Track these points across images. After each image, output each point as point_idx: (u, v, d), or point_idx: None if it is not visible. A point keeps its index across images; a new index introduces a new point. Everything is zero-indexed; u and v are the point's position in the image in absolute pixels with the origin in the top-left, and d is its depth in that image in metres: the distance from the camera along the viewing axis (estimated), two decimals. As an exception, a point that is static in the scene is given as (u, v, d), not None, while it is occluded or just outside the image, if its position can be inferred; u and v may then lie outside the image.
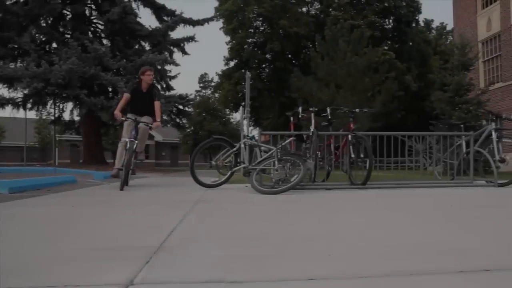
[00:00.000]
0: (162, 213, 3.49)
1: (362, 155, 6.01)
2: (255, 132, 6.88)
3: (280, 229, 2.65)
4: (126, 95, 6.63)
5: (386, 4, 32.54)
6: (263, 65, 31.23)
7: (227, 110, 38.89)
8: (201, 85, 56.51)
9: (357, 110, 6.49)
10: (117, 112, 6.35)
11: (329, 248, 2.06)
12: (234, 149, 6.50)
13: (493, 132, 6.26)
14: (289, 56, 29.14)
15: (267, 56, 29.98)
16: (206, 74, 55.21)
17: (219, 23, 30.38)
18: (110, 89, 18.21)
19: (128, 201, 4.61)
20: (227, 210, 3.64)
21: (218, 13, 28.99)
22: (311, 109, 6.37)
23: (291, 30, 27.29)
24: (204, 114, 43.50)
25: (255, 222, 2.97)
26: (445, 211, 3.48)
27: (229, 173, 6.52)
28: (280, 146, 6.20)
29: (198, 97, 50.14)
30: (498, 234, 2.37)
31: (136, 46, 20.35)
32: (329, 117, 6.42)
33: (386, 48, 31.16)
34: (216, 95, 37.94)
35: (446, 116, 12.13)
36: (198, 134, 43.30)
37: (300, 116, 6.56)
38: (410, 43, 34.53)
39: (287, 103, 25.98)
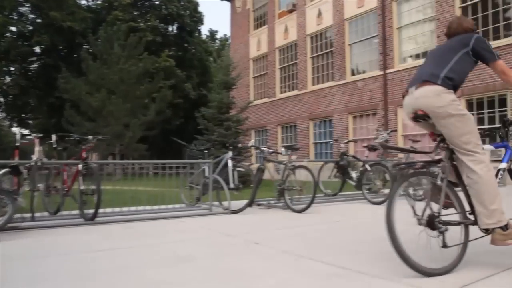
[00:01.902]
0: None
1: (93, 187, 5.38)
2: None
3: None
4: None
5: (170, 11, 32.80)
6: (30, 59, 27.43)
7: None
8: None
9: (90, 137, 5.81)
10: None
11: None
12: None
13: (229, 161, 6.44)
14: (62, 52, 26.33)
15: (35, 49, 26.46)
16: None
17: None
18: None
19: None
20: None
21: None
22: (34, 135, 5.43)
23: (64, 24, 24.69)
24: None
25: None
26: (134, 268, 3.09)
27: None
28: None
29: None
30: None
31: None
32: (55, 145, 5.60)
33: (170, 53, 31.37)
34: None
35: (210, 131, 12.51)
36: None
37: (18, 144, 5.47)
38: (193, 52, 35.67)
39: (57, 104, 23.47)
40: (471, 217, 2.85)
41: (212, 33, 52.98)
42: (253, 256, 3.37)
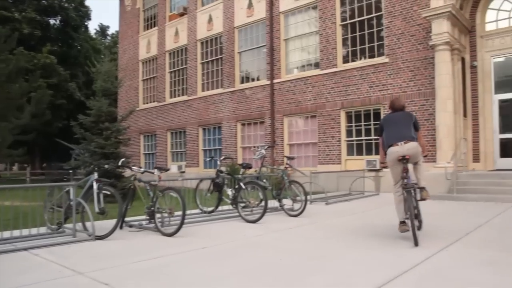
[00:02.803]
0: None
1: None
2: None
3: None
4: None
5: (51, 2, 30.31)
6: None
7: None
8: None
9: None
10: None
11: None
12: None
13: (94, 183, 6.02)
14: None
15: None
16: None
17: None
18: None
19: None
20: None
21: None
22: None
23: None
24: None
25: None
26: None
27: None
28: None
29: None
30: None
31: None
32: None
33: (54, 48, 28.96)
34: None
35: (87, 141, 11.69)
36: None
37: None
38: (78, 48, 33.42)
39: None
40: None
41: (103, 29, 50.38)
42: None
